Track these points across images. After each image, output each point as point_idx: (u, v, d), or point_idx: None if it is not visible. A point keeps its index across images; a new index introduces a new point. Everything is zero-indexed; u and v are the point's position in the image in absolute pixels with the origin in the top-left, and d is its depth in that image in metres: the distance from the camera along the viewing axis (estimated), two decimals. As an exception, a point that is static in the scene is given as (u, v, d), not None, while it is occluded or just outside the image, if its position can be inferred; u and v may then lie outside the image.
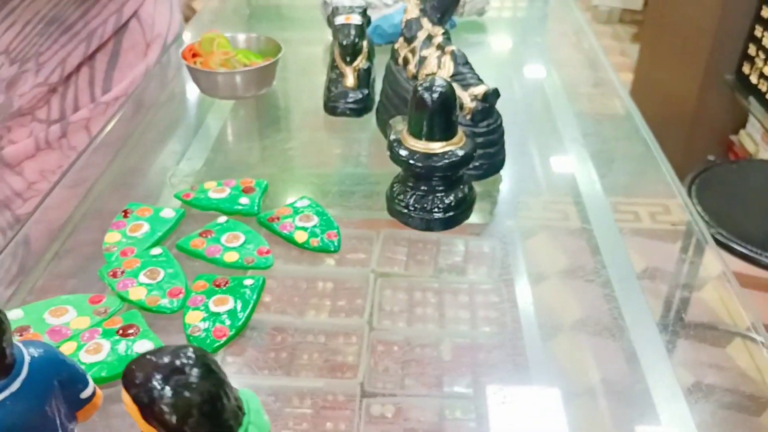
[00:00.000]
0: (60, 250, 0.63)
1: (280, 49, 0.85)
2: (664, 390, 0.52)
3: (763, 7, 1.88)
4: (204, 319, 0.53)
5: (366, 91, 0.80)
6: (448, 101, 0.59)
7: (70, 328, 0.52)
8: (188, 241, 0.61)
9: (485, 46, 1.06)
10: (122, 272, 0.57)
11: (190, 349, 0.26)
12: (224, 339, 0.52)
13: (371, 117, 0.81)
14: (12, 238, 0.63)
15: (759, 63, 1.92)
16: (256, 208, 0.66)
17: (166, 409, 0.25)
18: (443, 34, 0.70)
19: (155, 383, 0.25)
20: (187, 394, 0.25)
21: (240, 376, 0.51)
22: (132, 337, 0.51)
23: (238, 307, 0.54)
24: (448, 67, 0.68)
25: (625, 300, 0.61)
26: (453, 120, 0.60)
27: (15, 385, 0.30)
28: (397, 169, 0.65)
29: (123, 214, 0.64)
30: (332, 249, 0.61)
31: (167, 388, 0.25)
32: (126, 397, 0.26)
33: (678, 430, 0.49)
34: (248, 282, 0.56)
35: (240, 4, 1.22)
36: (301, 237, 0.62)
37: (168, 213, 0.64)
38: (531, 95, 0.97)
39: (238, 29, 1.07)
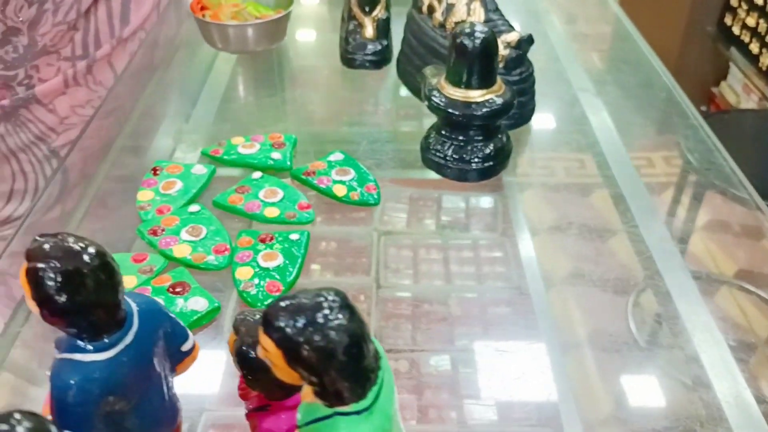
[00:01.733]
0: (89, 209, 0.61)
1: (290, 1, 0.83)
2: (705, 340, 0.53)
3: (746, -43, 1.89)
4: (254, 275, 0.52)
5: (385, 42, 0.78)
6: (489, 48, 0.58)
7: (118, 287, 0.51)
8: (225, 197, 0.59)
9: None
10: (162, 230, 0.55)
11: (331, 292, 0.25)
12: (278, 294, 0.51)
13: (390, 68, 0.79)
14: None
15: (741, 14, 1.93)
16: (288, 162, 0.64)
17: (314, 352, 0.24)
18: (470, -20, 0.69)
19: (301, 326, 0.24)
20: (335, 335, 0.24)
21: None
22: (184, 294, 0.50)
23: (288, 262, 0.53)
24: (478, 14, 0.67)
25: (655, 248, 0.61)
26: (494, 67, 0.59)
27: (128, 338, 0.28)
28: (426, 120, 0.64)
29: (152, 171, 0.62)
30: (372, 202, 0.61)
31: (315, 330, 0.24)
32: (267, 342, 0.25)
33: (722, 376, 0.50)
34: (294, 237, 0.55)
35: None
36: (340, 191, 0.61)
37: (199, 169, 0.62)
38: (540, 43, 0.96)
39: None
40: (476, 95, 0.59)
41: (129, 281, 0.51)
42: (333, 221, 0.60)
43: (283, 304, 0.25)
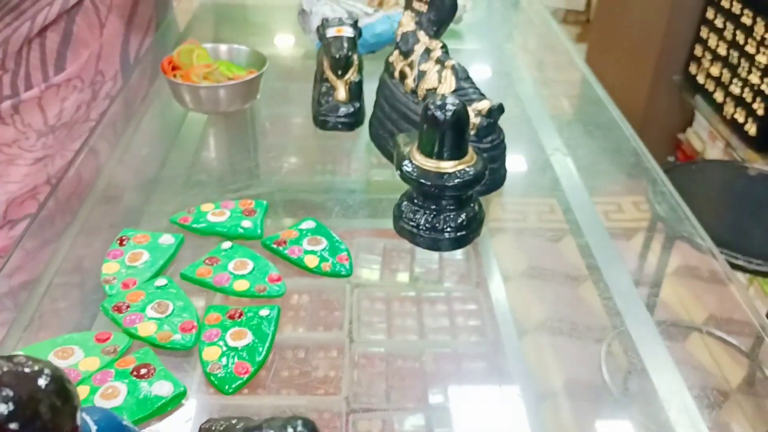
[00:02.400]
0: (53, 280, 0.59)
1: (263, 61, 0.83)
2: (667, 385, 0.53)
3: (708, 8, 1.95)
4: (222, 355, 0.51)
5: (358, 105, 0.78)
6: (461, 120, 0.58)
7: (80, 370, 0.49)
8: (194, 269, 0.58)
9: (463, 53, 1.06)
10: (127, 306, 0.54)
11: (299, 424, 0.24)
12: (247, 376, 0.49)
13: (363, 129, 0.79)
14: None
15: (705, 63, 1.99)
16: (259, 231, 0.63)
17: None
18: (442, 47, 0.69)
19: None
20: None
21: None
22: (148, 378, 0.48)
23: (257, 341, 0.52)
24: (449, 82, 0.67)
25: (619, 299, 0.62)
26: (465, 138, 0.59)
27: (85, 463, 0.27)
28: (400, 183, 0.64)
29: (119, 241, 0.61)
30: (344, 273, 0.60)
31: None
32: None
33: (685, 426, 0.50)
34: (264, 312, 0.54)
35: (205, 12, 1.18)
36: (311, 262, 0.60)
37: (167, 239, 0.61)
38: (510, 99, 0.98)
39: (207, 39, 1.04)
40: (448, 166, 0.59)
41: (92, 363, 0.50)
42: (304, 288, 0.59)
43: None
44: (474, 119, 0.65)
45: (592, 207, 0.75)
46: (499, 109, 0.65)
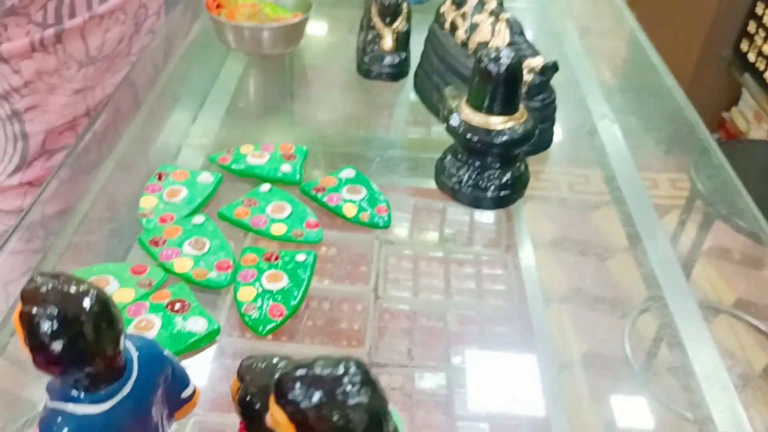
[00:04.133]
0: (89, 211, 0.59)
1: (309, 5, 0.81)
2: (706, 362, 0.52)
3: (766, -16, 1.87)
4: (257, 297, 0.50)
5: (404, 55, 0.76)
6: (515, 74, 0.56)
7: (115, 300, 0.48)
8: (231, 209, 0.57)
9: (514, 11, 1.03)
10: (164, 241, 0.53)
11: (353, 365, 0.23)
12: (281, 319, 0.49)
13: (407, 81, 0.77)
14: None
15: (758, 41, 1.91)
16: (298, 176, 0.62)
17: (332, 431, 0.22)
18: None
19: (319, 401, 0.22)
20: (354, 415, 0.22)
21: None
22: (183, 313, 0.48)
23: (293, 285, 0.51)
24: (503, 36, 0.65)
25: (660, 270, 0.60)
26: (517, 95, 0.57)
27: (126, 388, 0.26)
28: (441, 140, 0.62)
29: (157, 176, 0.60)
30: (382, 224, 0.59)
31: (334, 407, 0.22)
32: (279, 414, 0.23)
33: (720, 407, 0.49)
34: (300, 258, 0.53)
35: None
36: (350, 211, 0.59)
37: (206, 177, 0.60)
38: (559, 61, 0.95)
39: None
40: (497, 122, 0.57)
41: (127, 294, 0.49)
42: (333, 240, 0.58)
43: (299, 373, 0.23)
44: (526, 76, 0.63)
45: (637, 176, 0.72)
46: (553, 67, 0.63)
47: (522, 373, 0.50)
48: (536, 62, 0.63)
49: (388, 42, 0.75)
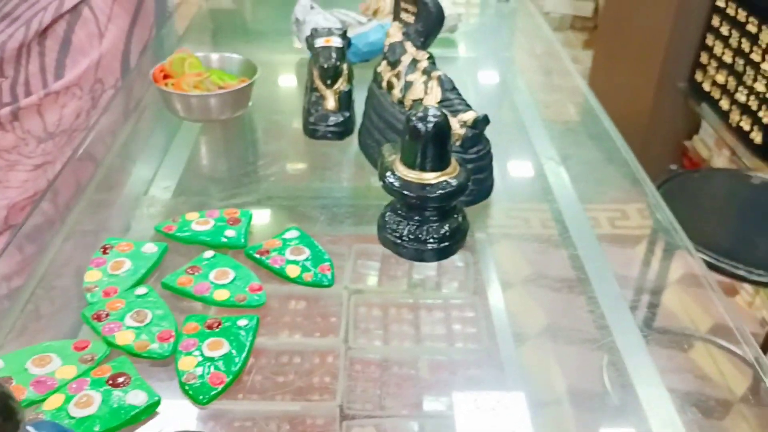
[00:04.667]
0: (36, 289, 0.60)
1: (254, 69, 0.83)
2: (651, 396, 0.53)
3: (714, 16, 1.94)
4: (198, 365, 0.51)
5: (347, 114, 0.78)
6: (442, 131, 0.58)
7: (56, 378, 0.49)
8: (174, 278, 0.58)
9: (459, 61, 1.06)
10: (107, 315, 0.54)
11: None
12: (222, 386, 0.49)
13: (352, 139, 0.79)
14: None
15: (711, 71, 1.97)
16: (243, 240, 0.63)
17: None
18: (428, 58, 0.70)
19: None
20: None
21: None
22: (123, 387, 0.48)
23: (234, 351, 0.52)
24: (435, 93, 0.67)
25: (607, 306, 0.62)
26: (447, 150, 0.59)
27: (30, 477, 0.27)
28: (386, 194, 0.64)
29: (102, 250, 0.61)
30: (326, 283, 0.60)
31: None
32: None
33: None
34: (242, 322, 0.54)
35: (204, 20, 1.19)
36: (293, 271, 0.60)
37: (150, 248, 0.61)
38: (504, 107, 0.98)
39: (203, 46, 1.05)
40: (430, 177, 0.59)
41: (69, 371, 0.50)
42: (300, 293, 0.59)
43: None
44: (459, 130, 0.65)
45: (584, 216, 0.74)
46: (484, 120, 0.65)
47: (497, 415, 0.50)
48: (468, 116, 0.65)
49: (330, 103, 0.77)
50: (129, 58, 0.89)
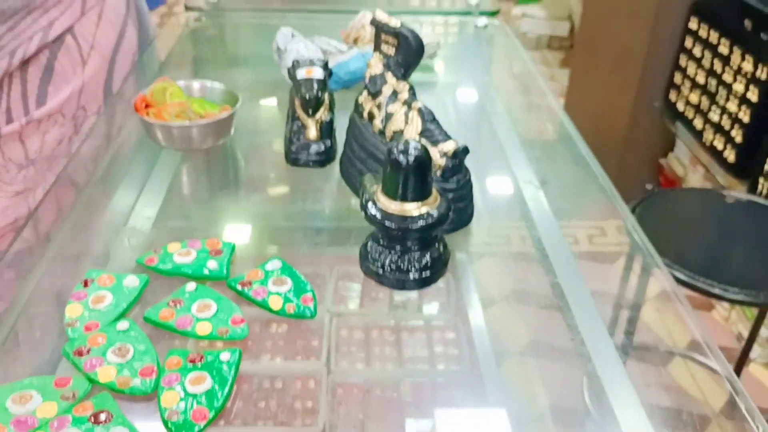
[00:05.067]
0: (16, 324, 0.59)
1: (236, 98, 0.84)
2: (628, 413, 0.54)
3: (687, 37, 1.98)
4: (180, 400, 0.51)
5: (329, 142, 0.79)
6: (423, 164, 0.59)
7: (37, 417, 0.49)
8: (156, 311, 0.58)
9: (438, 87, 1.08)
10: (88, 350, 0.54)
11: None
12: (204, 422, 0.49)
13: (334, 166, 0.80)
14: None
15: (685, 91, 2.01)
16: (225, 271, 0.63)
17: None
18: (409, 89, 0.70)
19: None
20: None
21: None
22: (105, 424, 0.48)
23: (217, 386, 0.52)
24: (416, 124, 0.68)
25: (583, 323, 0.63)
26: (428, 181, 0.60)
27: None
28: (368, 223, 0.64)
29: (83, 283, 0.61)
30: (309, 315, 0.60)
31: None
32: None
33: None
34: (225, 356, 0.54)
35: (184, 47, 1.19)
36: (275, 303, 0.60)
37: (132, 281, 0.61)
38: (483, 130, 0.99)
39: (185, 73, 1.05)
40: (411, 208, 0.60)
41: (50, 408, 0.50)
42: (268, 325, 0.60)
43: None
44: (439, 160, 0.66)
45: (561, 236, 0.75)
46: (464, 151, 0.66)
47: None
48: (448, 147, 0.66)
49: (312, 132, 0.78)
50: (111, 84, 0.90)
